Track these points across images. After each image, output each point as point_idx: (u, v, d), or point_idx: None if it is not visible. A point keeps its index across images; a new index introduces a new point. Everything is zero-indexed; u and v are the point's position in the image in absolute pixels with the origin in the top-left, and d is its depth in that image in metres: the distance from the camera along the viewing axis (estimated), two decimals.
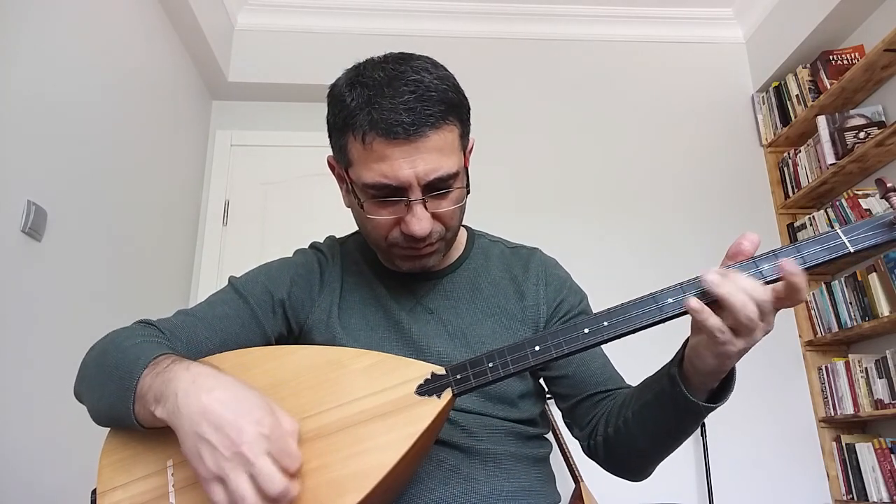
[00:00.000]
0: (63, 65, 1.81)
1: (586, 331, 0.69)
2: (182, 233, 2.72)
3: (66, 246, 1.81)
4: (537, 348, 0.69)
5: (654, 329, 0.69)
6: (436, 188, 0.80)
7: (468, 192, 0.87)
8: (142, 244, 2.32)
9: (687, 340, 0.72)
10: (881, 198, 0.64)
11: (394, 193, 0.79)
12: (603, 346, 0.92)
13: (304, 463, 0.65)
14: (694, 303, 0.64)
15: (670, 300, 0.67)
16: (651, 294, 0.68)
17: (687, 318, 0.68)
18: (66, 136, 1.82)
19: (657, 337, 0.93)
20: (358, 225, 0.91)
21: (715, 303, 0.64)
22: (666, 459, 0.84)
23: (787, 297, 0.64)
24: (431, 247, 0.85)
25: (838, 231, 0.66)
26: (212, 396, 0.64)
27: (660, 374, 0.77)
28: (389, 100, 0.76)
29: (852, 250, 0.65)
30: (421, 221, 0.80)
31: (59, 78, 1.79)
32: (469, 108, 0.87)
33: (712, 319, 0.64)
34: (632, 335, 0.69)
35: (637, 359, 1.18)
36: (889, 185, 0.64)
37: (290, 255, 1.01)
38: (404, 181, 0.77)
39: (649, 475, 0.87)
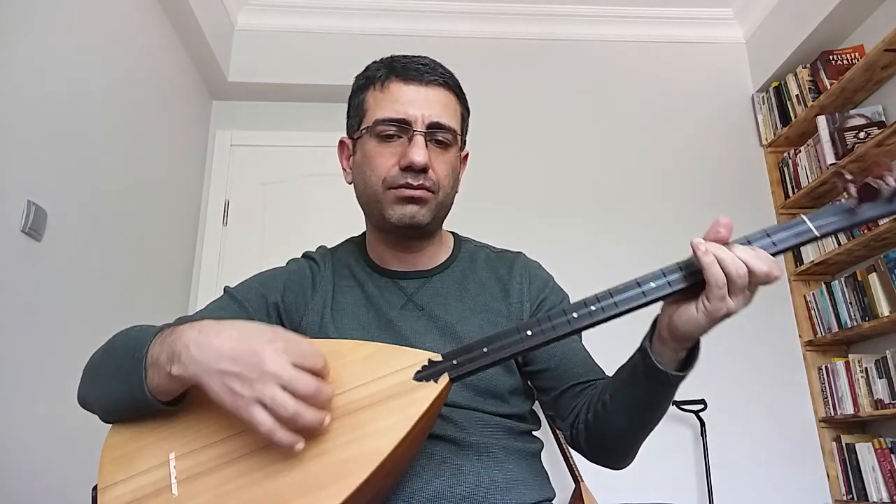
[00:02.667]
0: (63, 65, 1.81)
1: (575, 315, 0.72)
2: (182, 233, 2.72)
3: (66, 246, 1.81)
4: (529, 333, 0.72)
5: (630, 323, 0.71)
6: (436, 133, 0.91)
7: (458, 183, 0.98)
8: (142, 244, 2.32)
9: (656, 319, 0.76)
10: (842, 190, 0.71)
11: (400, 129, 0.90)
12: (583, 341, 0.98)
13: (306, 449, 0.66)
14: (702, 245, 0.68)
15: (652, 284, 0.71)
16: (635, 279, 0.72)
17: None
18: (66, 136, 1.82)
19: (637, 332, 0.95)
20: (358, 183, 0.96)
21: (700, 282, 0.69)
22: (666, 459, 0.84)
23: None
24: (424, 192, 0.90)
25: (804, 218, 0.72)
26: (222, 337, 0.68)
27: (633, 353, 0.80)
28: (409, 59, 0.94)
29: (818, 235, 0.70)
30: (420, 150, 0.88)
31: (58, 78, 1.79)
32: (469, 111, 0.99)
33: (715, 267, 0.67)
34: (616, 319, 0.72)
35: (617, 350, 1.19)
36: (848, 177, 0.71)
37: (284, 263, 1.05)
38: (412, 116, 0.90)
39: (630, 461, 0.89)
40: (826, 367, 2.59)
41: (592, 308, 0.71)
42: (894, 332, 2.40)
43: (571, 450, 2.18)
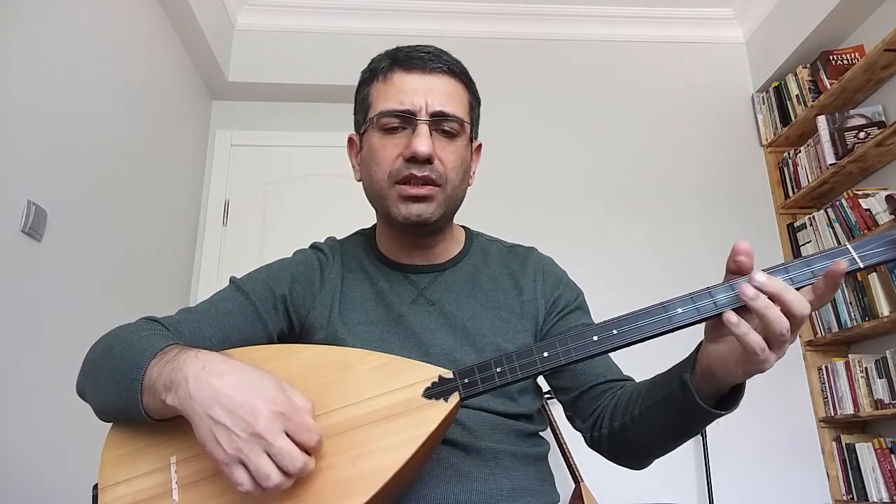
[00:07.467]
0: (63, 65, 1.81)
1: (595, 338, 0.69)
2: (182, 233, 2.72)
3: (66, 246, 1.81)
4: (545, 354, 0.70)
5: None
6: (442, 123, 0.88)
7: (472, 176, 0.97)
8: (142, 244, 2.32)
9: (699, 345, 0.72)
10: (891, 214, 0.65)
11: (404, 119, 0.88)
12: None
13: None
14: (734, 318, 0.63)
15: (680, 310, 0.67)
16: (661, 303, 0.68)
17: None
18: (66, 136, 1.82)
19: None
20: (365, 178, 0.94)
21: (742, 309, 0.64)
22: (666, 459, 0.84)
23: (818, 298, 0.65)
24: (430, 188, 0.87)
25: (848, 246, 0.66)
26: (223, 380, 0.65)
27: (670, 376, 0.77)
28: (413, 48, 0.92)
29: (862, 266, 0.65)
30: (424, 140, 0.86)
31: (59, 78, 1.79)
32: (479, 101, 0.98)
33: (752, 335, 0.62)
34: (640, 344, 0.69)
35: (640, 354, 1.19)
36: None
37: (290, 255, 1.02)
38: (415, 106, 0.87)
39: (650, 464, 0.88)
40: (826, 367, 2.59)
41: (614, 332, 0.68)
42: (894, 332, 2.40)
43: (571, 449, 2.20)
